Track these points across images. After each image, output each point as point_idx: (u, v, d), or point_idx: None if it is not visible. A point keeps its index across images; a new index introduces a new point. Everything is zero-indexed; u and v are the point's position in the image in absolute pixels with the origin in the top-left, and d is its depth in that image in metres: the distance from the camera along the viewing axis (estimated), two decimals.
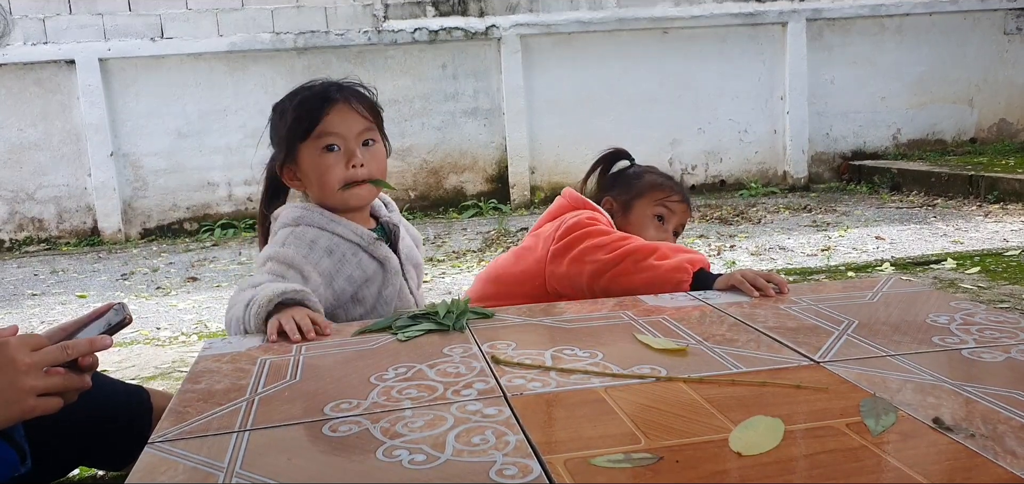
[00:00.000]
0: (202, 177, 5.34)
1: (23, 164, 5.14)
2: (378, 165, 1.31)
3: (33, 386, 0.79)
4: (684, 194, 1.67)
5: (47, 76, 5.06)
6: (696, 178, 5.97)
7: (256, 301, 1.11)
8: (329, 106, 1.26)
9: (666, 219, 1.63)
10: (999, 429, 0.69)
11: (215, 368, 0.98)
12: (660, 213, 1.62)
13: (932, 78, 6.14)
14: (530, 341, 1.04)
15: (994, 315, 1.03)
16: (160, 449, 0.74)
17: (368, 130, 1.30)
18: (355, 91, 1.31)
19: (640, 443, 0.71)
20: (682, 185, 1.73)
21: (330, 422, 0.79)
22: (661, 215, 1.62)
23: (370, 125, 1.30)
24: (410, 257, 1.43)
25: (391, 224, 1.40)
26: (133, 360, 2.44)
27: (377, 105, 1.35)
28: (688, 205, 1.66)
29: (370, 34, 5.39)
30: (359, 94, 1.31)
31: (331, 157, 1.27)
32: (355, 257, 1.30)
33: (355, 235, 1.31)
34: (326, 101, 1.27)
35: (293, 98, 1.30)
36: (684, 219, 1.65)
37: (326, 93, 1.28)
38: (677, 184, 1.71)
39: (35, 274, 4.23)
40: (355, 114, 1.28)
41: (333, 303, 1.29)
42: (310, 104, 1.27)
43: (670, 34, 5.75)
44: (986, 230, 3.82)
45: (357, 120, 1.28)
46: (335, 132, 1.26)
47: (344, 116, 1.27)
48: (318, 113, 1.26)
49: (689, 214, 1.66)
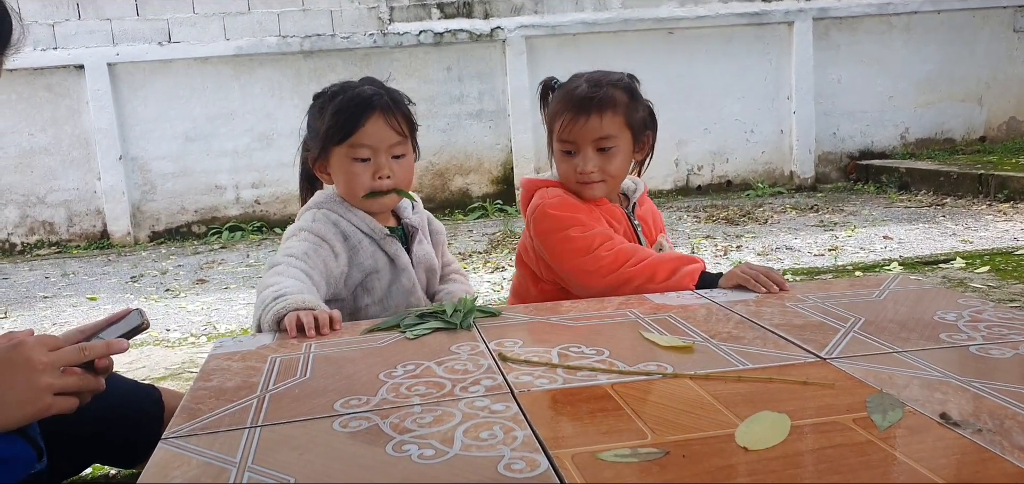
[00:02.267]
0: (210, 180, 5.37)
1: (34, 168, 5.18)
2: (404, 176, 1.37)
3: (50, 385, 0.81)
4: (580, 103, 1.33)
5: (56, 81, 5.10)
6: (702, 178, 5.96)
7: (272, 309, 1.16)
8: (366, 117, 1.31)
9: (576, 152, 1.37)
10: (1006, 424, 0.69)
11: (226, 366, 0.99)
12: (566, 149, 1.38)
13: (940, 76, 6.11)
14: (537, 339, 1.04)
15: (1002, 312, 1.03)
16: (173, 445, 0.75)
17: (400, 144, 1.34)
18: (393, 103, 1.34)
19: (647, 438, 0.71)
20: (582, 86, 1.36)
21: (340, 418, 0.80)
22: (569, 151, 1.38)
23: (402, 139, 1.35)
24: (424, 260, 1.46)
25: (410, 226, 1.45)
26: (144, 361, 2.46)
27: (412, 115, 1.39)
28: (595, 110, 1.32)
29: (375, 37, 5.41)
30: (397, 105, 1.34)
31: (360, 166, 1.33)
32: (369, 247, 1.38)
33: (368, 228, 1.38)
34: (364, 111, 1.31)
35: (334, 98, 1.34)
36: (600, 130, 1.34)
37: (365, 103, 1.31)
38: (572, 94, 1.36)
39: (46, 277, 4.27)
40: (389, 128, 1.32)
41: (344, 287, 1.36)
42: (348, 112, 1.31)
43: (675, 34, 5.75)
44: (996, 229, 3.80)
45: (390, 134, 1.33)
46: (367, 144, 1.32)
47: (379, 129, 1.31)
48: (354, 123, 1.31)
49: (605, 114, 1.33)
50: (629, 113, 1.39)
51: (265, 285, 1.22)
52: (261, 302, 1.18)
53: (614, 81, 1.40)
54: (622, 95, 1.38)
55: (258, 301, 1.20)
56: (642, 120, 1.43)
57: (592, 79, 1.39)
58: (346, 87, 1.36)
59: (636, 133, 1.41)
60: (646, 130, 1.45)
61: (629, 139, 1.40)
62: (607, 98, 1.35)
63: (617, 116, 1.37)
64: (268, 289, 1.20)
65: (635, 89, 1.44)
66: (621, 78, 1.42)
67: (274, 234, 5.25)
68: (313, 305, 1.16)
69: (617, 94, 1.38)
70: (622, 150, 1.39)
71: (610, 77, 1.40)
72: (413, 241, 1.44)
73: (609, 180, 1.40)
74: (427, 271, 1.47)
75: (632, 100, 1.41)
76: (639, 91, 1.45)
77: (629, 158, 1.42)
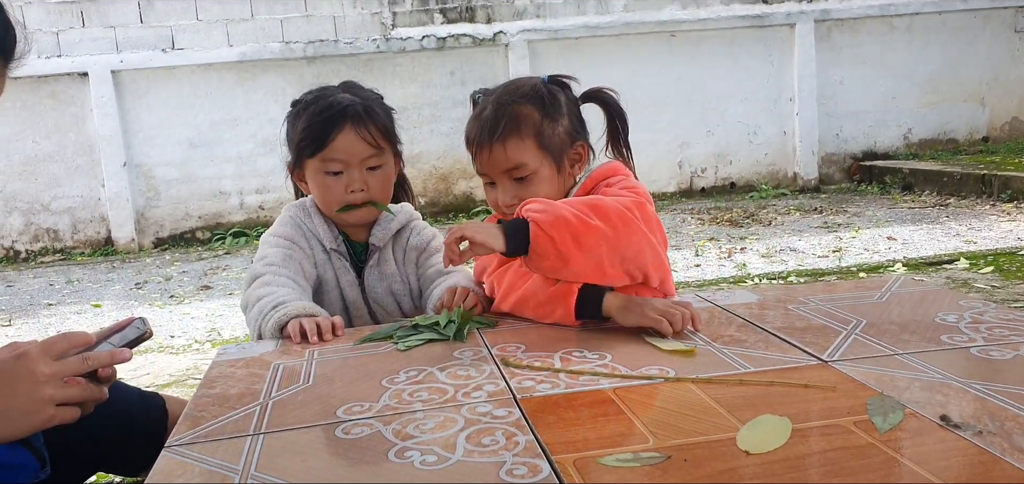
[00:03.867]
0: (214, 186, 5.39)
1: (38, 176, 5.21)
2: (381, 188, 1.33)
3: (52, 396, 0.81)
4: (480, 133, 1.18)
5: (61, 88, 5.13)
6: (706, 180, 5.96)
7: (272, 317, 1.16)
8: (337, 130, 1.26)
9: (495, 184, 1.21)
10: (1007, 426, 0.69)
11: (229, 373, 1.00)
12: (485, 181, 1.24)
13: (943, 77, 6.10)
14: (539, 343, 1.04)
15: (1003, 313, 1.03)
16: (177, 452, 0.76)
17: (374, 156, 1.30)
18: (367, 113, 1.29)
19: (648, 443, 0.72)
20: (486, 110, 1.19)
21: (343, 424, 0.80)
22: (489, 182, 1.23)
23: (377, 151, 1.30)
24: (386, 281, 1.39)
25: (373, 247, 1.38)
26: (148, 368, 2.47)
27: (389, 123, 1.35)
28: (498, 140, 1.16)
29: (379, 42, 5.43)
30: (371, 115, 1.29)
31: (332, 180, 1.29)
32: (321, 256, 1.37)
33: (320, 236, 1.36)
34: (335, 124, 1.26)
35: (308, 107, 1.31)
36: (506, 161, 1.17)
37: (337, 115, 1.27)
38: (475, 120, 1.20)
39: (50, 284, 4.29)
40: (362, 141, 1.27)
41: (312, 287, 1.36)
42: (319, 124, 1.27)
43: (678, 37, 5.75)
44: (999, 229, 3.79)
45: (363, 147, 1.28)
46: (339, 159, 1.28)
47: (350, 142, 1.27)
48: (325, 136, 1.27)
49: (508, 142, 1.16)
50: (541, 133, 1.18)
51: (258, 296, 1.21)
52: (259, 311, 1.18)
53: (522, 96, 1.19)
54: (531, 112, 1.18)
55: (254, 311, 1.19)
56: (564, 133, 1.21)
57: (498, 100, 1.19)
58: (321, 95, 1.31)
59: (556, 152, 1.20)
60: (575, 141, 1.23)
61: (548, 161, 1.19)
62: (510, 124, 1.16)
63: (524, 141, 1.17)
64: (264, 298, 1.19)
65: (551, 97, 1.21)
66: (532, 90, 1.20)
67: None
68: (314, 311, 1.17)
69: (523, 114, 1.17)
70: (541, 175, 1.19)
71: (519, 91, 1.20)
72: (368, 263, 1.38)
73: None
74: (395, 294, 1.40)
75: (545, 115, 1.19)
76: (559, 97, 1.23)
77: (554, 179, 1.21)
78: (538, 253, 1.06)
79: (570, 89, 1.27)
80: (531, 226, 1.05)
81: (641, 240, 1.11)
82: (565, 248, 1.05)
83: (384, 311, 1.40)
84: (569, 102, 1.25)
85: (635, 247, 1.11)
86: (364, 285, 1.39)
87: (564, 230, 1.05)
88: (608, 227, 1.07)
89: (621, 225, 1.08)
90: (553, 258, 1.06)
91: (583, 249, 1.06)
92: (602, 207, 1.08)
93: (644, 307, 1.04)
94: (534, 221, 1.05)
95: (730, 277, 3.23)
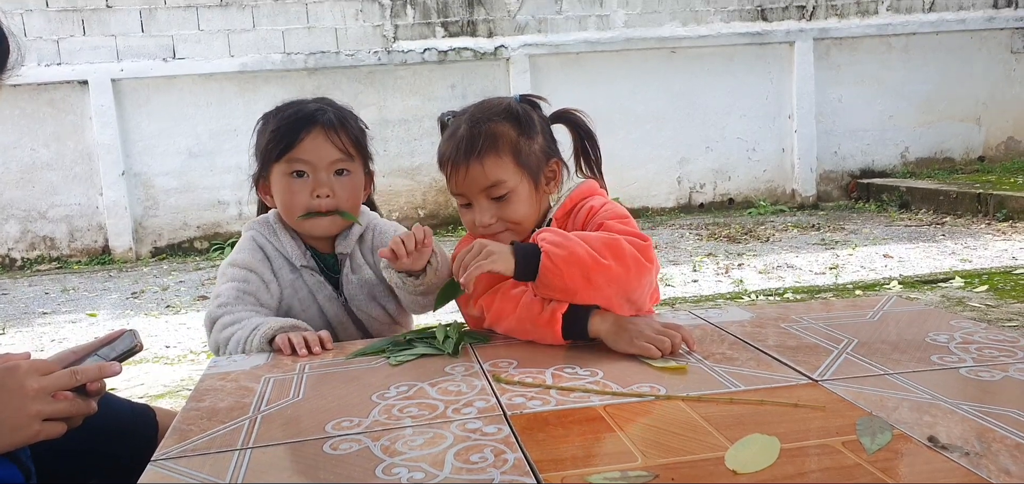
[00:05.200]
0: (212, 196, 5.39)
1: (35, 183, 5.21)
2: (348, 196, 1.29)
3: (40, 411, 0.80)
4: (457, 152, 1.16)
5: (60, 96, 5.14)
6: (705, 196, 5.97)
7: (255, 335, 1.15)
8: (305, 132, 1.25)
9: (472, 204, 1.19)
10: (994, 447, 0.69)
11: (219, 386, 1.00)
12: (461, 202, 1.21)
13: (939, 97, 6.13)
14: (532, 359, 1.04)
15: (993, 334, 1.03)
16: (163, 466, 0.75)
17: (342, 160, 1.27)
18: (337, 119, 1.27)
19: (637, 461, 0.72)
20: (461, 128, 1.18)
21: (331, 440, 0.80)
22: (464, 203, 1.21)
23: (345, 156, 1.27)
24: (365, 287, 1.35)
25: (341, 256, 1.35)
26: (142, 378, 2.46)
27: (362, 137, 1.32)
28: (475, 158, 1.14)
29: (380, 54, 5.46)
30: (341, 122, 1.27)
31: (298, 183, 1.26)
32: (289, 276, 1.32)
33: (287, 253, 1.31)
34: (303, 126, 1.25)
35: (277, 115, 1.29)
36: (485, 179, 1.16)
37: (305, 118, 1.25)
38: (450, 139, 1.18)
39: (46, 293, 4.28)
40: (331, 144, 1.25)
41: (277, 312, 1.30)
42: (287, 127, 1.25)
43: (678, 54, 5.78)
44: (995, 248, 3.80)
45: (332, 150, 1.26)
46: (305, 159, 1.25)
47: (318, 144, 1.25)
48: (292, 137, 1.25)
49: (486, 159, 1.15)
50: (519, 151, 1.17)
51: (227, 335, 1.18)
52: (236, 343, 1.15)
53: (497, 114, 1.19)
54: (507, 130, 1.17)
55: (231, 345, 1.16)
56: (540, 151, 1.21)
57: (472, 118, 1.18)
58: (290, 103, 1.29)
59: (533, 170, 1.19)
60: (549, 159, 1.22)
61: (525, 178, 1.18)
62: (487, 141, 1.15)
63: (502, 158, 1.16)
64: (236, 332, 1.17)
65: (526, 115, 1.21)
66: (506, 109, 1.20)
67: None
68: (297, 325, 1.16)
69: (499, 131, 1.17)
70: (519, 193, 1.18)
71: (493, 110, 1.19)
72: (343, 272, 1.34)
73: (514, 227, 1.20)
74: (378, 298, 1.36)
75: (521, 133, 1.18)
76: (532, 116, 1.22)
77: (532, 197, 1.20)
78: (545, 283, 1.06)
79: (541, 108, 1.27)
80: (542, 256, 1.05)
81: (648, 281, 1.13)
82: (573, 284, 1.06)
83: (371, 317, 1.36)
84: (541, 121, 1.24)
85: (642, 289, 1.12)
86: (345, 296, 1.35)
87: (575, 267, 1.05)
88: (621, 268, 1.08)
89: (634, 267, 1.09)
90: (559, 291, 1.07)
91: (592, 286, 1.07)
92: (618, 248, 1.08)
93: (634, 334, 1.03)
94: (547, 253, 1.05)
95: (727, 293, 3.23)
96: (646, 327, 1.04)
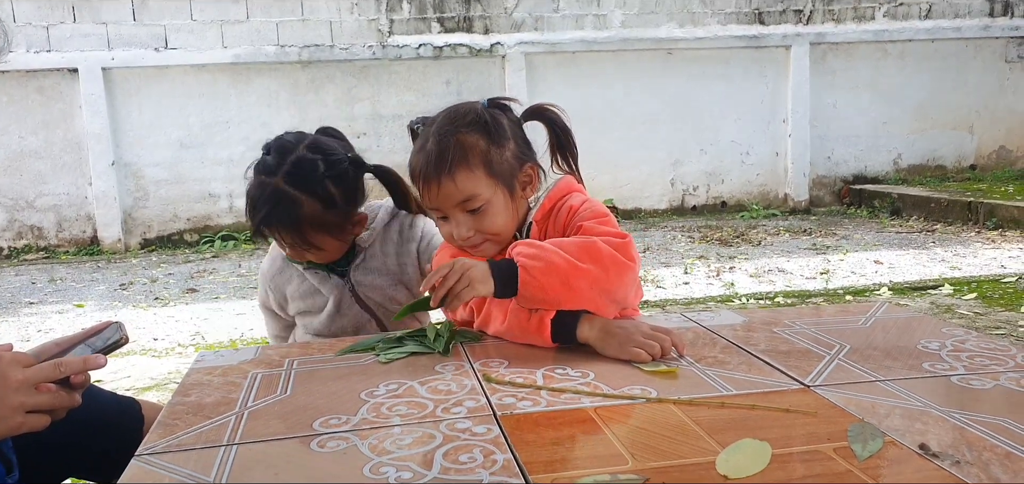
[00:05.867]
0: (203, 188, 5.36)
1: (23, 172, 5.16)
2: (332, 248, 1.36)
3: (22, 403, 0.79)
4: (426, 168, 1.13)
5: (49, 84, 5.09)
6: (697, 199, 5.98)
7: None
8: (269, 233, 1.34)
9: (448, 218, 1.16)
10: (984, 456, 0.69)
11: (206, 381, 0.98)
12: (437, 215, 1.19)
13: (933, 104, 6.17)
14: (523, 359, 1.04)
15: (985, 342, 1.03)
16: (147, 462, 0.74)
17: (300, 244, 1.33)
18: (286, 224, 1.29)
19: (627, 464, 0.71)
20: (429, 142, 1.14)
21: (318, 437, 0.79)
22: (441, 217, 1.18)
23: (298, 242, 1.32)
24: (370, 273, 1.42)
25: (359, 245, 1.42)
26: (129, 371, 2.44)
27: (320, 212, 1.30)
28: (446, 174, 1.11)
29: (375, 49, 5.43)
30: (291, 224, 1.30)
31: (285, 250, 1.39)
32: (298, 278, 1.46)
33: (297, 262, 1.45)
34: (258, 224, 1.32)
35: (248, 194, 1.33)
36: (457, 194, 1.12)
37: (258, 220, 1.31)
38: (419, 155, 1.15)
39: (33, 282, 4.24)
40: (288, 241, 1.33)
41: (294, 313, 1.48)
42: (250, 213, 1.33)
43: (674, 55, 5.79)
44: (984, 256, 3.82)
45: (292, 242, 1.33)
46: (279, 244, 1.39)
47: (282, 240, 1.35)
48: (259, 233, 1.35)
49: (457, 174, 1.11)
50: (490, 161, 1.13)
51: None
52: None
53: (466, 124, 1.14)
54: (477, 141, 1.13)
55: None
56: (512, 158, 1.17)
57: (440, 131, 1.14)
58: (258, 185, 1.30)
59: (507, 178, 1.15)
60: (523, 164, 1.18)
61: (499, 188, 1.15)
62: (457, 155, 1.11)
63: (474, 172, 1.12)
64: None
65: (495, 122, 1.16)
66: (474, 117, 1.15)
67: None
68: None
69: (469, 142, 1.12)
70: (494, 204, 1.14)
71: (460, 120, 1.15)
72: (354, 263, 1.41)
73: (493, 238, 1.17)
74: (385, 289, 1.42)
75: (491, 142, 1.14)
76: (502, 121, 1.17)
77: (508, 206, 1.17)
78: (527, 297, 1.06)
79: (511, 110, 1.23)
80: (520, 272, 1.05)
81: (630, 279, 1.12)
82: (554, 293, 1.05)
83: (379, 306, 1.43)
84: (512, 124, 1.20)
85: (624, 287, 1.11)
86: (352, 283, 1.42)
87: (553, 276, 1.05)
88: (600, 270, 1.07)
89: (613, 268, 1.08)
90: (541, 302, 1.07)
91: (574, 292, 1.06)
92: (595, 251, 1.07)
93: (623, 339, 1.02)
94: (524, 267, 1.05)
95: (718, 296, 3.23)
96: (635, 331, 1.03)
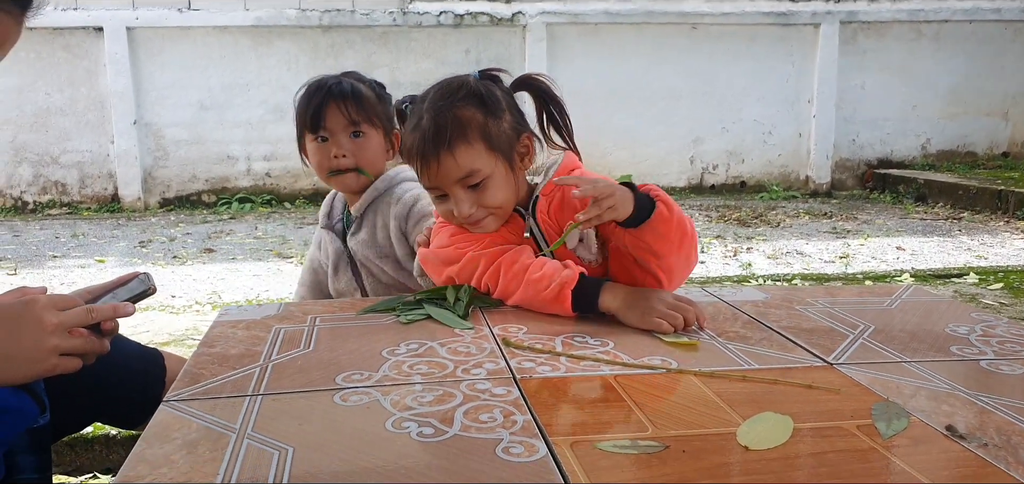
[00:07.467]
0: (222, 150, 5.39)
1: (49, 128, 5.22)
2: (366, 155, 1.47)
3: (57, 346, 0.81)
4: (423, 146, 1.10)
5: (75, 42, 5.12)
6: (717, 177, 5.92)
7: None
8: (324, 106, 1.45)
9: (447, 195, 1.14)
10: (1013, 440, 0.68)
11: (230, 334, 1.00)
12: (436, 194, 1.16)
13: (967, 88, 6.02)
14: (541, 327, 1.04)
15: (1016, 328, 1.02)
16: (175, 407, 0.76)
17: (356, 124, 1.46)
18: (351, 93, 1.45)
19: (647, 431, 0.71)
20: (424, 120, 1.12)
21: (341, 391, 0.80)
22: (439, 195, 1.16)
23: (357, 121, 1.46)
24: (360, 244, 1.51)
25: (354, 215, 1.53)
26: (147, 325, 2.48)
27: (377, 106, 1.48)
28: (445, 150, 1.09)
29: (395, 15, 5.39)
30: (355, 96, 1.46)
31: (322, 147, 1.47)
32: (324, 232, 1.59)
33: (332, 214, 1.60)
34: (322, 99, 1.45)
35: (306, 88, 1.50)
36: (457, 170, 1.10)
37: (324, 93, 1.45)
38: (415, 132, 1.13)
39: (56, 237, 4.30)
40: (342, 115, 1.45)
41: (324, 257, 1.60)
42: (307, 102, 1.47)
43: (698, 30, 5.69)
44: (1012, 246, 3.75)
45: (344, 117, 1.45)
46: (325, 126, 1.46)
47: (334, 113, 1.45)
48: (315, 109, 1.46)
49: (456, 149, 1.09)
50: (488, 134, 1.11)
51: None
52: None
53: (461, 98, 1.12)
54: (474, 114, 1.11)
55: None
56: (509, 129, 1.15)
57: (434, 106, 1.12)
58: (310, 84, 1.49)
59: (506, 151, 1.13)
60: (520, 134, 1.16)
61: (499, 161, 1.13)
62: (455, 130, 1.09)
63: (473, 146, 1.10)
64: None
65: (489, 93, 1.14)
66: (469, 90, 1.13)
67: (283, 208, 5.26)
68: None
69: (466, 116, 1.10)
70: (495, 178, 1.12)
71: (454, 94, 1.13)
72: (350, 231, 1.53)
73: (496, 212, 1.15)
74: (372, 259, 1.50)
75: (488, 114, 1.12)
76: (495, 93, 1.15)
77: (508, 178, 1.15)
78: (652, 228, 1.05)
79: (502, 81, 1.21)
80: (658, 205, 1.05)
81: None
82: (668, 243, 1.06)
83: (369, 273, 1.52)
84: (505, 95, 1.18)
85: (689, 267, 1.17)
86: (349, 250, 1.54)
87: (680, 228, 1.08)
88: (691, 244, 1.11)
89: (691, 245, 1.12)
90: (649, 244, 1.06)
91: (680, 251, 1.09)
92: (691, 224, 1.12)
93: (645, 309, 1.01)
94: (664, 202, 1.06)
95: (734, 276, 3.21)
96: (658, 302, 1.03)
